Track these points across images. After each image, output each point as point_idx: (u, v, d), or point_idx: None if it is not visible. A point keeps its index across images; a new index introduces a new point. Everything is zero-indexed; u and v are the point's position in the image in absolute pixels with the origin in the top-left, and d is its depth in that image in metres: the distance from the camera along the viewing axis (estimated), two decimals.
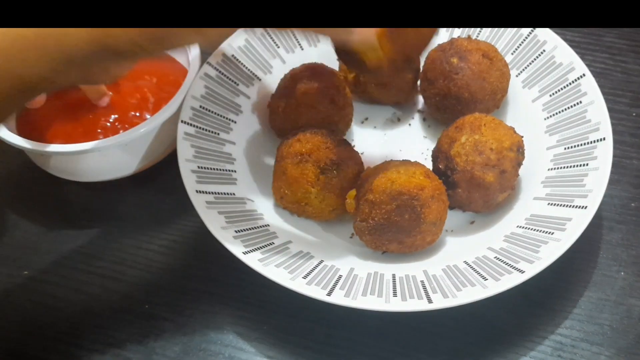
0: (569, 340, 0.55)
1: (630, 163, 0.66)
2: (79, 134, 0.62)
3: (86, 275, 0.60)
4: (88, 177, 0.65)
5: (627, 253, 0.60)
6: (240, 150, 0.64)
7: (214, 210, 0.57)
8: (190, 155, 0.60)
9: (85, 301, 0.59)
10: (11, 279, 0.60)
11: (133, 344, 0.56)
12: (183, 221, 0.63)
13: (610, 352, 0.54)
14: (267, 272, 0.53)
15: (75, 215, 0.65)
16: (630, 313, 0.56)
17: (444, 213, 0.56)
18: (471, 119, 0.59)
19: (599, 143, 0.59)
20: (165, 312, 0.58)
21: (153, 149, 0.64)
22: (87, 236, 0.63)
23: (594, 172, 0.57)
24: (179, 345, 0.55)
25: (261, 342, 0.56)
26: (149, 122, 0.60)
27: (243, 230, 0.57)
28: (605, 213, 0.62)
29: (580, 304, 0.57)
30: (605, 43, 0.75)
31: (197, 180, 0.58)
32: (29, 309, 0.59)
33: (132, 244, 0.62)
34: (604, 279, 0.58)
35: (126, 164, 0.64)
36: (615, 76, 0.73)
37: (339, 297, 0.51)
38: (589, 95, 0.62)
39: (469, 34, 0.70)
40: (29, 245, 0.63)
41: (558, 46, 0.66)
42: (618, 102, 0.70)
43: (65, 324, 0.57)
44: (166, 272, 0.60)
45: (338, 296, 0.51)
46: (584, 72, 0.64)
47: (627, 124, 0.69)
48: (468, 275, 0.53)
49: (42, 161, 0.64)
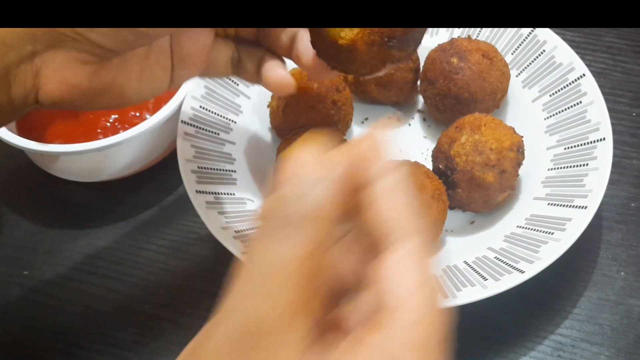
0: (568, 340, 0.55)
1: (630, 163, 0.66)
2: (79, 134, 0.62)
3: (86, 275, 0.60)
4: (88, 177, 0.65)
5: (627, 253, 0.60)
6: (240, 151, 0.64)
7: (214, 211, 0.57)
8: (190, 155, 0.60)
9: (85, 301, 0.59)
10: (11, 278, 0.60)
11: (133, 344, 0.56)
12: (183, 221, 0.63)
13: (610, 352, 0.54)
14: None
15: (75, 215, 0.65)
16: (630, 313, 0.56)
17: (444, 213, 0.56)
18: (471, 119, 0.59)
19: (599, 143, 0.59)
20: (165, 312, 0.58)
21: (153, 149, 0.64)
22: (87, 236, 0.63)
23: (594, 172, 0.57)
24: (178, 346, 0.55)
25: None
26: (149, 122, 0.60)
27: (243, 231, 0.56)
28: (605, 213, 0.62)
29: (580, 304, 0.57)
30: (605, 43, 0.75)
31: (197, 180, 0.58)
32: (28, 308, 0.59)
33: (132, 244, 0.62)
34: (603, 279, 0.58)
35: (126, 164, 0.64)
36: (615, 76, 0.73)
37: None
38: (589, 95, 0.62)
39: (469, 34, 0.70)
40: (29, 245, 0.63)
41: (558, 46, 0.66)
42: (618, 102, 0.70)
43: (65, 323, 0.57)
44: (166, 272, 0.60)
45: None
46: (584, 72, 0.64)
47: (627, 124, 0.69)
48: (468, 275, 0.53)
49: (42, 161, 0.64)
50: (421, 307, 0.26)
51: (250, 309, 0.25)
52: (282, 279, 0.25)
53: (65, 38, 0.38)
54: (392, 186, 0.28)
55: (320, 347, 0.26)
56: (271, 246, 0.26)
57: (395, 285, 0.26)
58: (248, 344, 0.25)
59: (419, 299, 0.26)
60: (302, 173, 0.27)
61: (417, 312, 0.26)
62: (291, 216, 0.26)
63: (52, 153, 0.59)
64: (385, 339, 0.25)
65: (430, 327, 0.26)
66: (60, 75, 0.39)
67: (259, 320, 0.25)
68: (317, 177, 0.26)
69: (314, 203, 0.26)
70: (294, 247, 0.25)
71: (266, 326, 0.25)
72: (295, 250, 0.25)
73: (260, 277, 0.26)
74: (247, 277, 0.26)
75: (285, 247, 0.26)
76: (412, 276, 0.26)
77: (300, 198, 0.26)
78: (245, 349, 0.25)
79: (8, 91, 0.38)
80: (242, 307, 0.26)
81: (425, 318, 0.26)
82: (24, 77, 0.38)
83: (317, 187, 0.26)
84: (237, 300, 0.26)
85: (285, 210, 0.26)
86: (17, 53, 0.38)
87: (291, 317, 0.25)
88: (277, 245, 0.26)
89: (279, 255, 0.25)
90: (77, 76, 0.40)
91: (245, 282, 0.26)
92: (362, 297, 0.28)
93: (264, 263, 0.26)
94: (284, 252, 0.25)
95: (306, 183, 0.26)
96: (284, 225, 0.26)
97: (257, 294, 0.25)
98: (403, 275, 0.26)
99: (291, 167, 0.27)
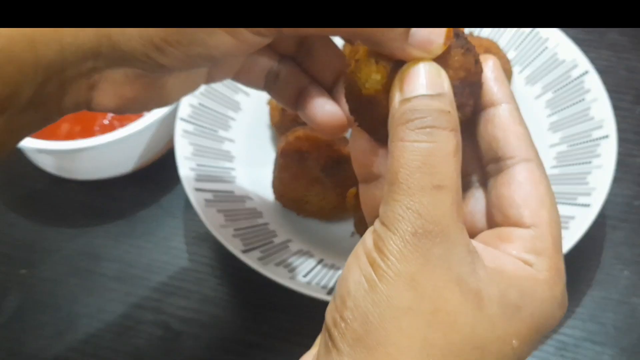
0: (571, 339, 0.54)
1: (634, 161, 0.65)
2: (76, 132, 0.62)
3: (85, 274, 0.60)
4: (86, 175, 0.64)
5: (631, 252, 0.59)
6: (239, 148, 0.63)
7: (212, 209, 0.56)
8: (189, 152, 0.60)
9: (84, 300, 0.58)
10: (9, 277, 0.60)
11: (131, 342, 0.56)
12: (181, 220, 0.63)
13: (614, 351, 0.54)
14: (266, 271, 0.52)
15: (73, 214, 0.64)
16: (633, 312, 0.56)
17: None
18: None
19: (602, 140, 0.58)
20: (164, 312, 0.57)
21: (151, 146, 0.63)
22: (85, 234, 0.63)
23: (597, 169, 0.57)
24: (178, 344, 0.55)
25: (260, 342, 0.55)
26: (147, 120, 0.60)
27: (242, 229, 0.56)
28: (608, 211, 0.61)
29: (583, 303, 0.56)
30: (608, 40, 0.75)
31: (195, 178, 0.58)
32: (27, 307, 0.58)
33: (130, 242, 0.62)
34: (607, 278, 0.58)
35: (124, 162, 0.63)
36: (619, 73, 0.72)
37: None
38: (592, 92, 0.61)
39: (471, 31, 0.69)
40: (27, 243, 0.62)
41: (561, 43, 0.66)
42: (622, 100, 0.69)
43: (64, 322, 0.57)
44: (164, 270, 0.60)
45: None
46: (587, 69, 0.63)
47: (631, 122, 0.68)
48: None
49: (40, 159, 0.64)
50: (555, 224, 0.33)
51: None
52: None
53: (132, 59, 0.35)
54: (512, 113, 0.35)
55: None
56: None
57: (530, 199, 0.32)
58: (427, 241, 0.28)
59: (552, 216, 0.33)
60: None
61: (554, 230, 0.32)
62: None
63: (49, 151, 0.59)
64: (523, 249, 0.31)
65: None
66: (118, 89, 0.37)
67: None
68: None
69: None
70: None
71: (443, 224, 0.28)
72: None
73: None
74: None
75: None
76: (544, 192, 0.33)
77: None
78: (426, 246, 0.28)
79: (59, 102, 0.37)
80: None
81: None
82: (77, 89, 0.36)
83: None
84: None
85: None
86: (77, 69, 0.35)
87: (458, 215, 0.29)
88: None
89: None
90: (134, 90, 0.38)
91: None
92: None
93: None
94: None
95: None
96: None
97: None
98: (536, 190, 0.32)
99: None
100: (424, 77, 0.30)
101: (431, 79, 0.30)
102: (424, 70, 0.30)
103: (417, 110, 0.29)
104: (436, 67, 0.31)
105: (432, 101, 0.30)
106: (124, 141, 0.60)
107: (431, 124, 0.29)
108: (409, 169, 0.29)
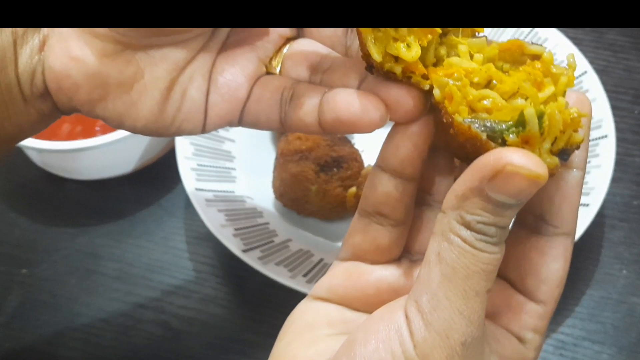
0: (570, 338, 0.55)
1: (632, 161, 0.65)
2: (77, 132, 0.62)
3: (85, 273, 0.60)
4: (86, 175, 0.64)
5: (629, 251, 0.59)
6: (239, 148, 0.63)
7: (213, 208, 0.56)
8: (190, 152, 0.60)
9: (85, 299, 0.58)
10: (10, 276, 0.60)
11: (132, 341, 0.56)
12: (182, 219, 0.63)
13: (612, 350, 0.54)
14: (266, 271, 0.52)
15: (74, 213, 0.64)
16: (632, 311, 0.56)
17: None
18: None
19: (601, 140, 0.58)
20: (164, 311, 0.57)
21: (152, 146, 0.63)
22: (86, 234, 0.63)
23: (596, 169, 0.57)
24: (178, 344, 0.55)
25: (261, 342, 0.55)
26: None
27: (243, 228, 0.56)
28: (607, 211, 0.62)
29: (582, 302, 0.56)
30: (607, 40, 0.75)
31: (196, 178, 0.58)
32: (27, 307, 0.58)
33: (130, 242, 0.62)
34: (606, 277, 0.58)
35: (125, 162, 0.63)
36: (618, 73, 0.72)
37: None
38: (591, 92, 0.62)
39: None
40: (28, 243, 0.62)
41: (560, 43, 0.66)
42: (620, 100, 0.69)
43: (64, 321, 0.57)
44: (165, 270, 0.60)
45: None
46: (586, 69, 0.63)
47: (629, 122, 0.68)
48: None
49: (41, 159, 0.64)
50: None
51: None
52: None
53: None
54: (579, 182, 0.32)
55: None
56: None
57: (552, 277, 0.33)
58: (472, 349, 0.28)
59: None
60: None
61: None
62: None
63: (50, 151, 0.59)
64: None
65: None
66: (65, 44, 0.35)
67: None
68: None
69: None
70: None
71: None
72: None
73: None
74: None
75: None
76: (566, 270, 0.32)
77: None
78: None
79: (15, 68, 0.36)
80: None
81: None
82: (30, 50, 0.36)
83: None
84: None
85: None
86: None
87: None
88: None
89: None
90: (83, 48, 0.35)
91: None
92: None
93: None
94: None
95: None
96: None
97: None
98: (563, 269, 0.32)
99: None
100: (517, 187, 0.27)
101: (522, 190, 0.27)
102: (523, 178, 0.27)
103: (490, 223, 0.28)
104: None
105: (504, 214, 0.28)
106: (124, 141, 0.60)
107: (498, 241, 0.28)
108: (468, 272, 0.28)
